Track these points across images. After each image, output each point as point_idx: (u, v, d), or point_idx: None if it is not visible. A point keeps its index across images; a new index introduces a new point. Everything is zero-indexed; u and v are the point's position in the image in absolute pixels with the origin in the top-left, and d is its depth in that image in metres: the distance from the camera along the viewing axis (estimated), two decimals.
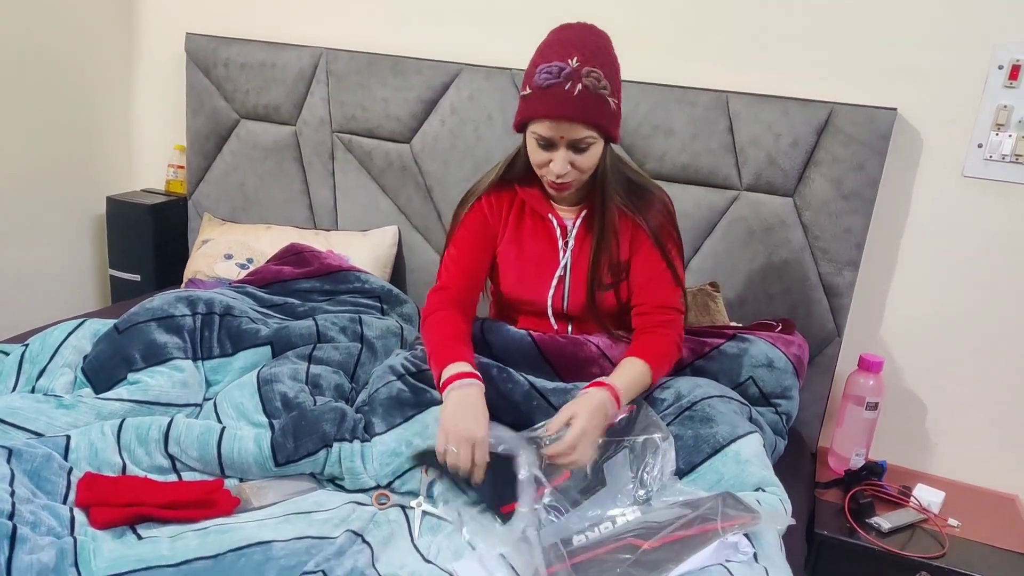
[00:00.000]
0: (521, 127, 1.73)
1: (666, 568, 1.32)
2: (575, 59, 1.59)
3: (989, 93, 2.10)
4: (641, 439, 1.60)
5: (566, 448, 1.51)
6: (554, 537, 1.42)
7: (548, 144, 1.66)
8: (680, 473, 1.63)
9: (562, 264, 1.86)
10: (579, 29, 1.67)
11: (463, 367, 1.62)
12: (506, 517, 1.48)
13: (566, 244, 1.86)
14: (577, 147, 1.66)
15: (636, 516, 1.47)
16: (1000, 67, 2.07)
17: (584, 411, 1.55)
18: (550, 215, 1.85)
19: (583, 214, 1.85)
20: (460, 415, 1.53)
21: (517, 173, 1.86)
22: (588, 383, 1.65)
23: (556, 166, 1.67)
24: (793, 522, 1.49)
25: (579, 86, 1.59)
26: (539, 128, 1.65)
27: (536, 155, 1.70)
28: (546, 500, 1.50)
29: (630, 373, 1.69)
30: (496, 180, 1.89)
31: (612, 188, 1.79)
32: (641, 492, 1.54)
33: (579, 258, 1.85)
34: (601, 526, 1.46)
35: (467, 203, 1.91)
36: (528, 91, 1.65)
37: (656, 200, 1.85)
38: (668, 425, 1.69)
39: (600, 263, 1.82)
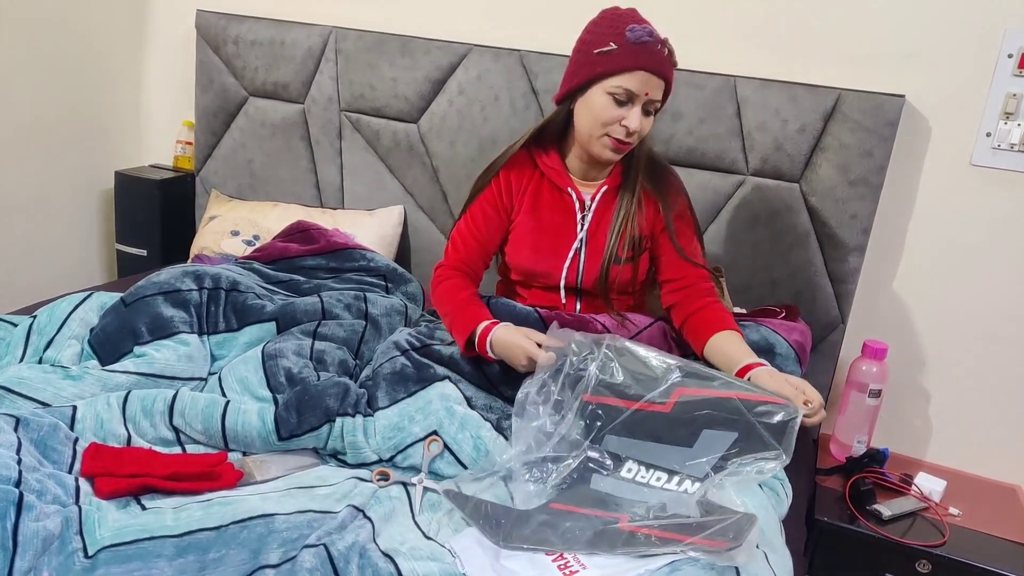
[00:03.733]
0: (582, 87, 1.78)
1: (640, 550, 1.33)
2: (655, 30, 1.73)
3: (998, 81, 2.09)
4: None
5: (818, 405, 1.52)
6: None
7: (628, 99, 1.74)
8: None
9: (579, 237, 1.89)
10: (634, 10, 1.78)
11: (488, 323, 1.73)
12: None
13: (584, 218, 1.89)
14: (647, 109, 1.76)
15: (681, 493, 1.46)
16: (1009, 55, 2.06)
17: (791, 379, 1.59)
18: (569, 188, 1.89)
19: (603, 189, 1.89)
20: (514, 340, 1.65)
21: (541, 144, 1.93)
22: (743, 367, 1.65)
23: (632, 121, 1.74)
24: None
25: (666, 50, 1.74)
26: (626, 81, 1.72)
27: (609, 111, 1.75)
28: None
29: (748, 348, 1.74)
30: (518, 152, 1.93)
31: (643, 163, 1.89)
32: (713, 477, 1.48)
33: (595, 233, 1.89)
34: (653, 476, 1.49)
35: (487, 176, 1.95)
36: (613, 47, 1.72)
37: (676, 180, 1.94)
38: None
39: (622, 235, 1.87)
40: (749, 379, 1.60)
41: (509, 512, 1.43)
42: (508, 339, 1.66)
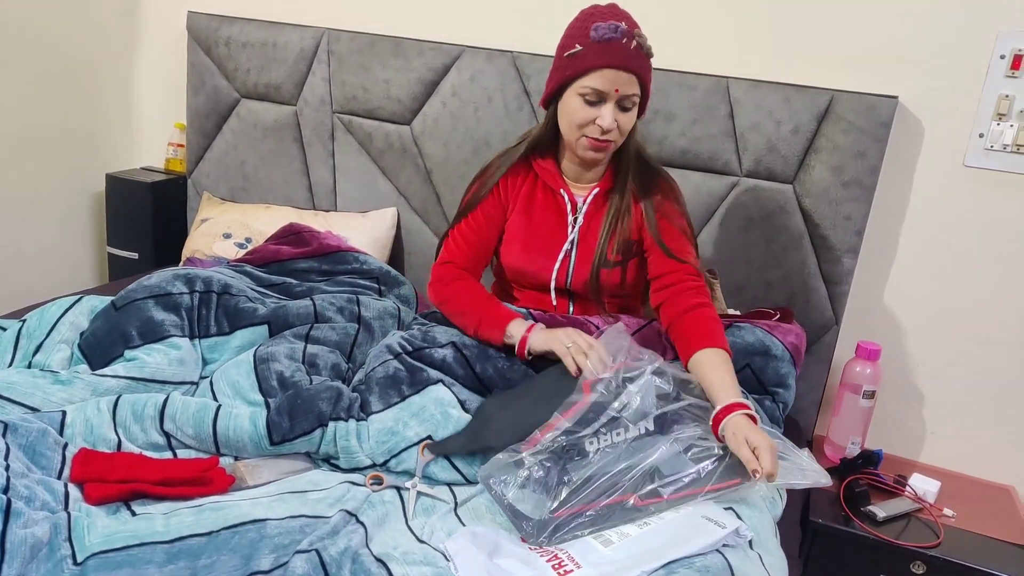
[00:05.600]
0: (558, 92, 1.79)
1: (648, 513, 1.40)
2: (624, 23, 1.70)
3: (991, 83, 2.09)
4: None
5: (765, 475, 1.44)
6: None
7: (598, 99, 1.73)
8: None
9: (569, 239, 1.89)
10: (612, 5, 1.77)
11: (523, 323, 1.79)
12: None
13: (575, 220, 1.89)
14: (623, 105, 1.75)
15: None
16: (1002, 56, 2.06)
17: (752, 437, 1.48)
18: (561, 190, 1.89)
19: (594, 191, 1.88)
20: (560, 335, 1.71)
21: (536, 150, 1.93)
22: (719, 410, 1.57)
23: (605, 119, 1.73)
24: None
25: (634, 43, 1.71)
26: (593, 81, 1.71)
27: (581, 113, 1.75)
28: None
29: (730, 373, 1.66)
30: (517, 154, 1.94)
31: (632, 165, 1.88)
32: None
33: (587, 235, 1.89)
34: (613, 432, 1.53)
35: (484, 179, 1.96)
36: (579, 48, 1.72)
37: (665, 182, 1.92)
38: None
39: (611, 238, 1.86)
40: (721, 430, 1.54)
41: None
42: (552, 334, 1.72)
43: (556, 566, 1.29)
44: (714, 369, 1.66)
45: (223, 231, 2.60)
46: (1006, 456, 2.28)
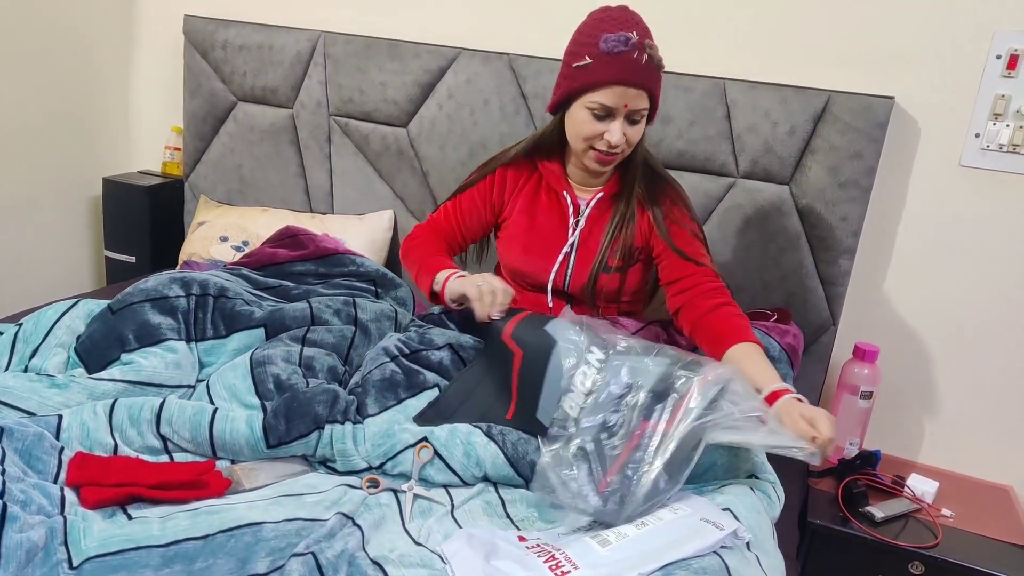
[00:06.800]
0: (566, 101, 1.76)
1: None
2: (634, 32, 1.65)
3: (987, 82, 2.09)
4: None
5: (829, 433, 1.46)
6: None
7: (607, 114, 1.70)
8: None
9: (569, 242, 1.88)
10: (622, 9, 1.72)
11: (453, 270, 1.82)
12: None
13: (576, 223, 1.88)
14: (632, 119, 1.72)
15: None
16: (998, 56, 2.06)
17: (805, 411, 1.50)
18: (565, 192, 1.88)
19: (598, 196, 1.87)
20: (475, 278, 1.76)
21: (541, 151, 1.92)
22: (765, 397, 1.57)
23: (614, 135, 1.70)
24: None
25: (645, 55, 1.66)
26: (602, 97, 1.68)
27: (588, 126, 1.73)
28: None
29: (767, 363, 1.66)
30: (521, 154, 1.94)
31: (640, 172, 1.86)
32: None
33: (587, 238, 1.88)
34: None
35: (486, 169, 1.97)
36: (588, 60, 1.67)
37: (673, 188, 1.90)
38: None
39: (614, 243, 1.85)
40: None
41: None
42: (466, 281, 1.78)
43: (553, 567, 1.28)
44: (751, 362, 1.64)
45: (220, 234, 2.60)
46: (1004, 456, 2.28)
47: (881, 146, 2.11)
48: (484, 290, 1.73)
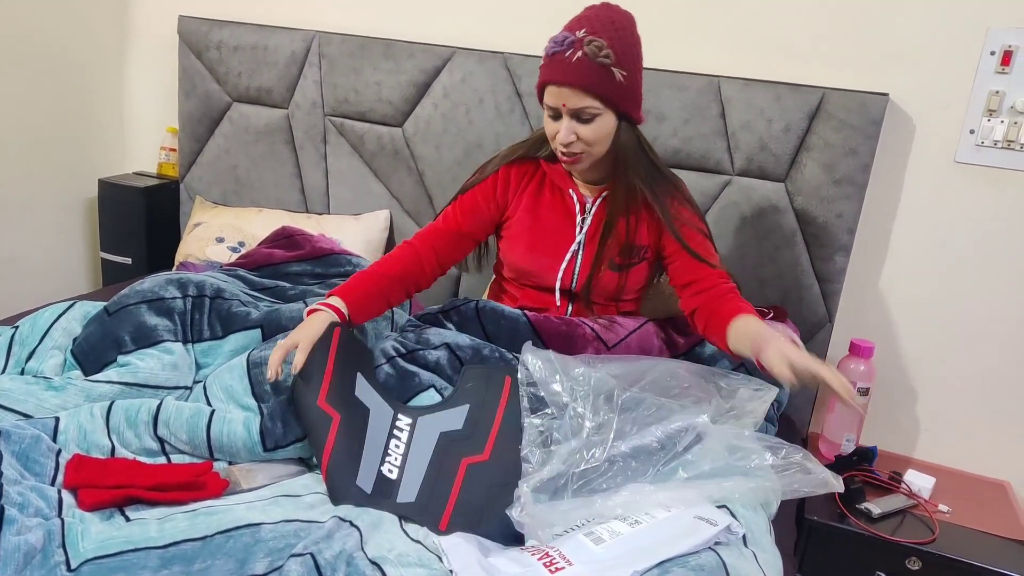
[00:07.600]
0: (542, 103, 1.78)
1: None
2: (583, 31, 1.64)
3: (981, 79, 2.09)
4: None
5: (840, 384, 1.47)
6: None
7: (555, 113, 1.72)
8: None
9: (577, 240, 1.87)
10: (600, 7, 1.71)
11: (335, 300, 1.71)
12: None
13: (583, 220, 1.87)
14: (580, 117, 1.70)
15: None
16: (992, 53, 2.07)
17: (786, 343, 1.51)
18: (570, 190, 1.87)
19: (604, 194, 1.86)
20: (298, 332, 1.62)
21: (544, 150, 1.91)
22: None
23: (562, 134, 1.71)
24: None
25: (578, 54, 1.63)
26: (546, 97, 1.71)
27: (548, 126, 1.76)
28: None
29: (762, 323, 1.65)
30: (522, 152, 1.93)
31: (632, 169, 1.81)
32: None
33: (594, 236, 1.87)
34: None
35: (486, 170, 1.94)
36: (542, 61, 1.71)
37: (678, 189, 1.88)
38: None
39: (609, 240, 1.84)
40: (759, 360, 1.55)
41: None
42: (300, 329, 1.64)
43: (547, 564, 1.29)
44: (747, 323, 1.65)
45: (216, 235, 2.60)
46: (1001, 452, 2.29)
47: (876, 143, 2.11)
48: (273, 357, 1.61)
